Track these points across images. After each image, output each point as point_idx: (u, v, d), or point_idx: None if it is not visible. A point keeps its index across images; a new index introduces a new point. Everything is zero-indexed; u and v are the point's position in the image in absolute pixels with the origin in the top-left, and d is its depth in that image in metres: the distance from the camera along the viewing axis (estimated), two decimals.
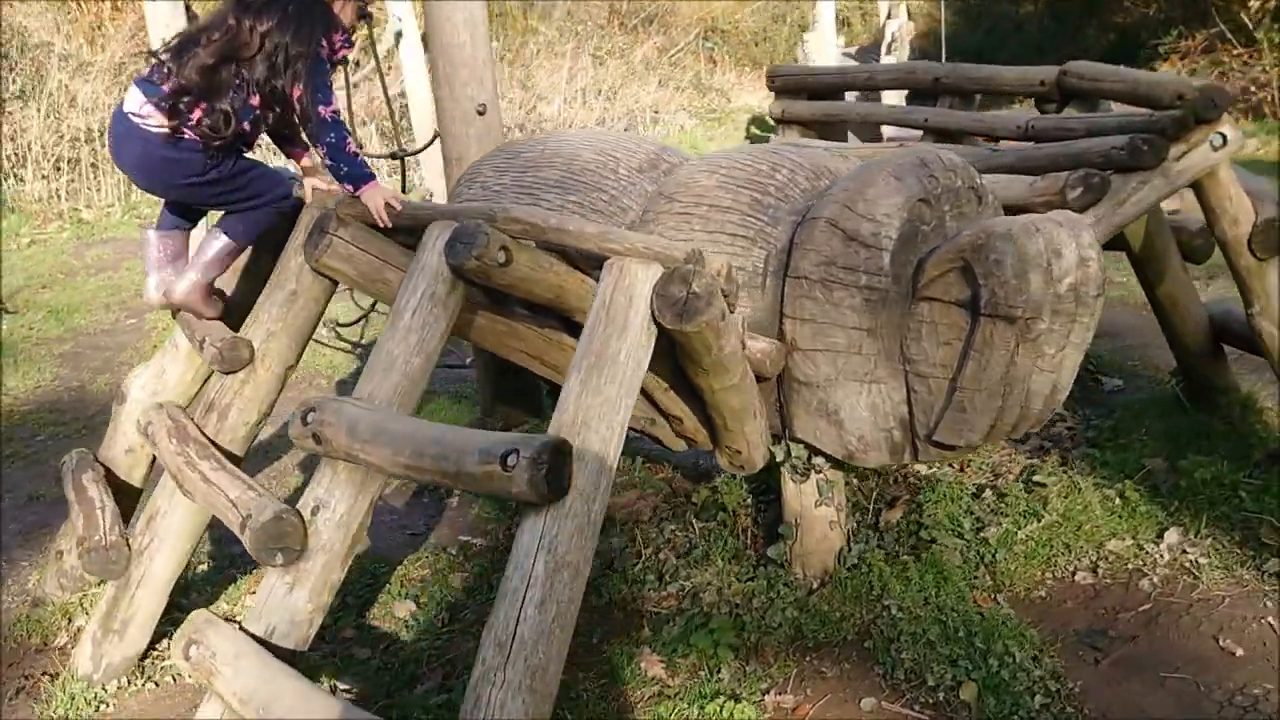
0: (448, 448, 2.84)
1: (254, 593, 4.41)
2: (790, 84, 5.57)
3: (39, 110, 11.09)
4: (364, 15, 6.17)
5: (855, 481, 4.59)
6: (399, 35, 10.54)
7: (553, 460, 2.71)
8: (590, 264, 3.25)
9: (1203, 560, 4.11)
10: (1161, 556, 4.16)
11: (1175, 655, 3.68)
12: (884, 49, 16.53)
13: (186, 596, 4.41)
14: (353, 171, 3.51)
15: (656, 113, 20.64)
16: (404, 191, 6.18)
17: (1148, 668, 3.63)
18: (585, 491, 2.81)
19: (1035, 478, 4.63)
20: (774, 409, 3.75)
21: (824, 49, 17.33)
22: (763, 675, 3.66)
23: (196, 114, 3.46)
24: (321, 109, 3.53)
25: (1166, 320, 4.95)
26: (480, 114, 5.29)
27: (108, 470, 4.22)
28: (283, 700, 2.85)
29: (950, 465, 5.02)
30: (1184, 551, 4.17)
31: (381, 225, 3.51)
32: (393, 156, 5.99)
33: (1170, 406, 5.28)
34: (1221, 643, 3.69)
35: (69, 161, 11.15)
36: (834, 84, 5.46)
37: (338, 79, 6.14)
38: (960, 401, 3.25)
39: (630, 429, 4.13)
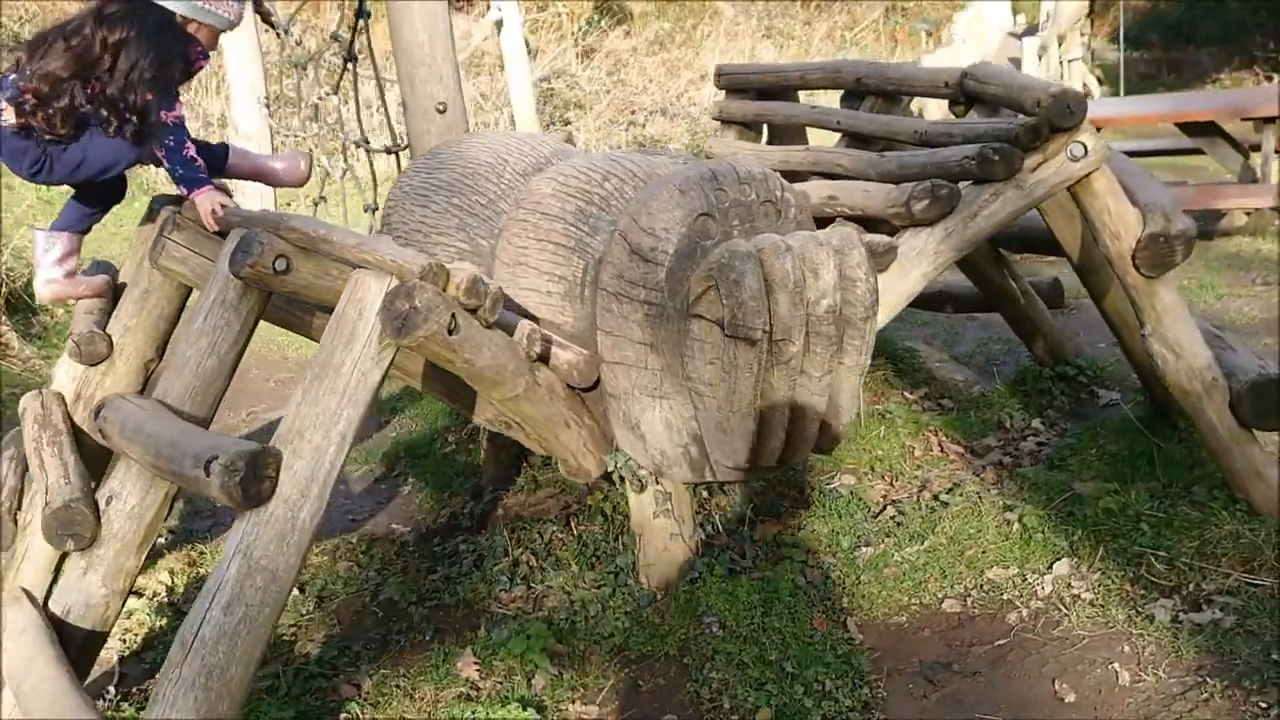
0: (175, 450, 2.98)
1: (170, 570, 4.70)
2: (735, 82, 5.41)
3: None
4: (361, 13, 6.39)
5: (750, 491, 4.51)
6: (499, 24, 10.74)
7: (249, 468, 2.81)
8: None
9: (1085, 595, 3.86)
10: (1042, 589, 3.93)
11: (1006, 696, 3.49)
12: (1040, 28, 15.74)
13: None
14: (186, 175, 3.65)
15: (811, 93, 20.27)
16: None
17: (971, 707, 3.46)
18: (291, 499, 2.89)
19: (942, 496, 4.43)
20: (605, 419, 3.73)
21: (981, 28, 16.66)
22: (577, 684, 3.66)
23: (40, 114, 3.65)
24: (163, 114, 3.66)
25: (1118, 335, 4.63)
26: (440, 112, 5.38)
27: None
28: (29, 680, 3.04)
29: (882, 478, 4.87)
30: (1069, 585, 3.92)
31: (209, 229, 3.65)
32: (387, 151, 6.17)
33: (1142, 425, 4.93)
34: (1056, 686, 3.47)
35: None
36: (772, 83, 5.28)
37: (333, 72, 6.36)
38: (720, 423, 3.16)
39: (494, 430, 4.20)
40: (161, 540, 5.02)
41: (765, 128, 5.49)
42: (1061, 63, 16.59)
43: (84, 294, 4.08)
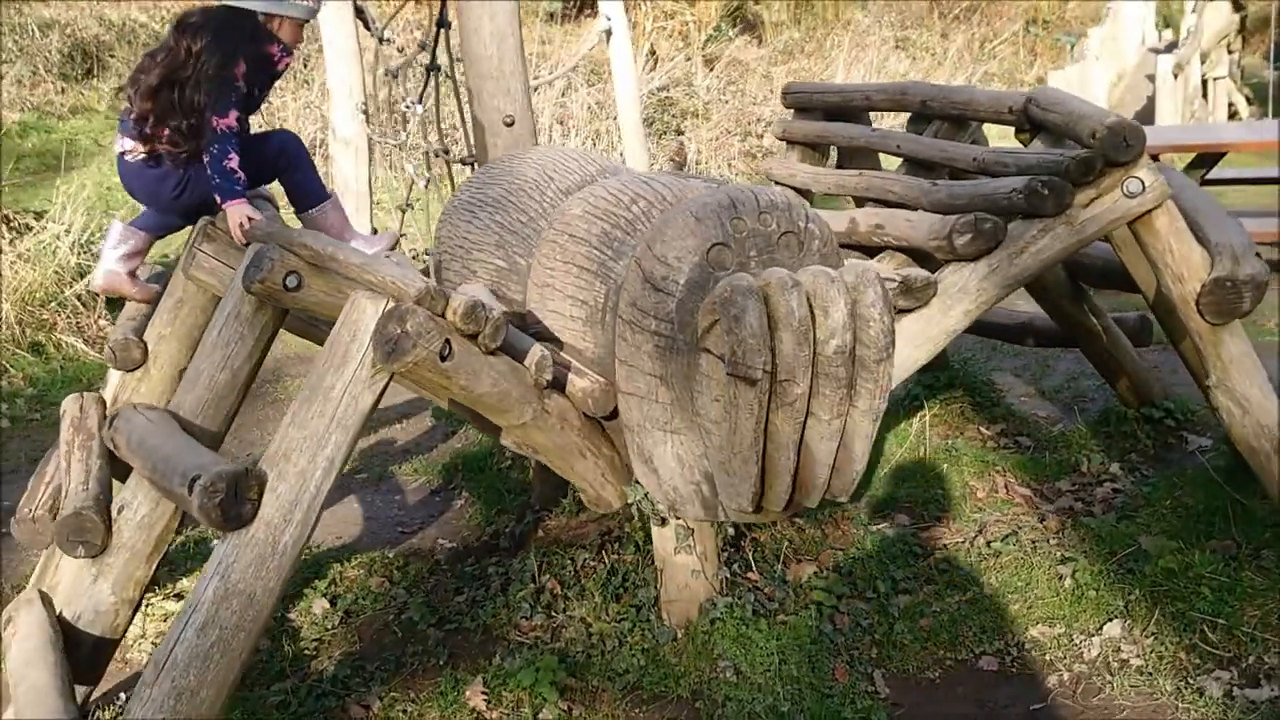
0: (168, 466, 2.97)
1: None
2: (802, 101, 5.20)
3: (295, 98, 12.22)
4: (440, 23, 6.39)
5: (791, 529, 4.33)
6: (608, 33, 10.67)
7: (228, 490, 2.78)
8: None
9: (1134, 661, 3.60)
10: (1089, 651, 3.68)
11: None
12: (1179, 43, 15.06)
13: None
14: (222, 184, 3.67)
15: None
16: None
17: None
18: (273, 522, 2.85)
19: (995, 544, 4.19)
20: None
21: (1118, 44, 16.05)
22: None
23: (163, 133, 3.74)
24: (215, 119, 3.69)
25: (1198, 380, 4.30)
26: (508, 125, 5.33)
27: None
28: (22, 686, 3.07)
29: (938, 520, 4.64)
30: (1118, 649, 3.66)
31: (238, 241, 3.65)
32: (462, 162, 6.16)
33: (1221, 477, 4.59)
34: None
35: (320, 144, 12.15)
36: (837, 103, 5.05)
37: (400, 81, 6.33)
38: (723, 464, 3.02)
39: (519, 454, 4.12)
40: (219, 543, 5.06)
41: (834, 149, 5.30)
42: (1205, 81, 15.85)
43: (135, 296, 4.14)
